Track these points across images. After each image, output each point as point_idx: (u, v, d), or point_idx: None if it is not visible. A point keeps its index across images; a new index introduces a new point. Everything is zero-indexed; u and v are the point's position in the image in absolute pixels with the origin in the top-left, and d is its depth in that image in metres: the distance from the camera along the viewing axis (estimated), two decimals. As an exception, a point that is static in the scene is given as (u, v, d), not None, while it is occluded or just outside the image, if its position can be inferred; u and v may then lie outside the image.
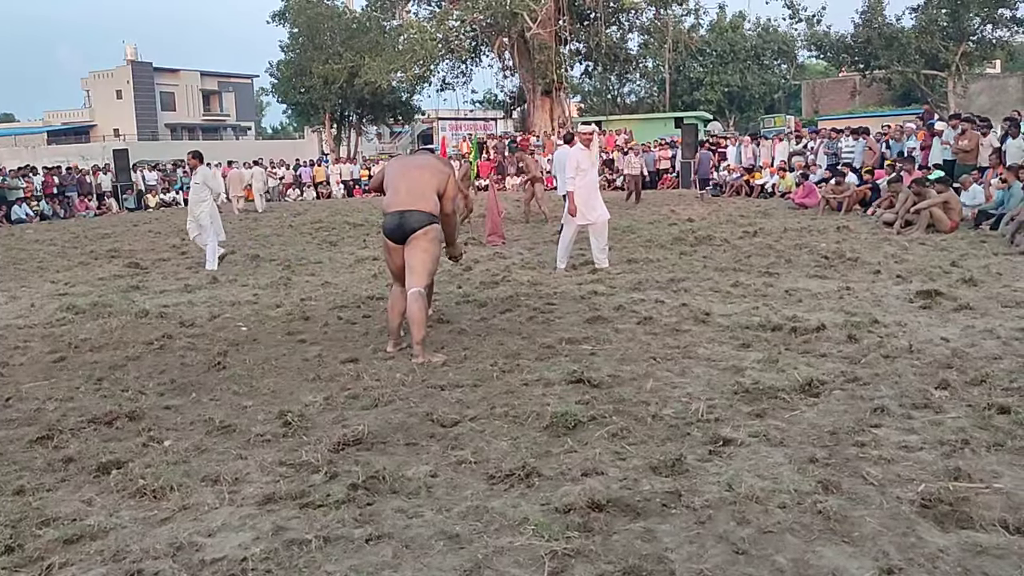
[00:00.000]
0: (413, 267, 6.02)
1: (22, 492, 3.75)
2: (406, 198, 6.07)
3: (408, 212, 6.02)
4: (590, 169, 9.86)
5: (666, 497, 3.45)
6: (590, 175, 9.87)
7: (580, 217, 9.75)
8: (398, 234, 6.06)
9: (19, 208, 24.14)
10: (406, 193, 6.10)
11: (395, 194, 6.13)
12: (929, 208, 12.10)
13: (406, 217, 6.02)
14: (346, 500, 3.52)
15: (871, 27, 36.13)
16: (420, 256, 6.03)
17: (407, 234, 6.02)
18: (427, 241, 6.04)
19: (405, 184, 6.17)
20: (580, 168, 9.68)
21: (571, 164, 9.72)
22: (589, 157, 9.90)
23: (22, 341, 7.17)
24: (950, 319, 6.57)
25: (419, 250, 6.03)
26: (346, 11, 44.64)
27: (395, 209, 6.07)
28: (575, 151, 9.90)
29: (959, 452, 3.80)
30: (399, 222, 6.04)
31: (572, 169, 9.69)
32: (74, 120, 65.21)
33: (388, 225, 6.12)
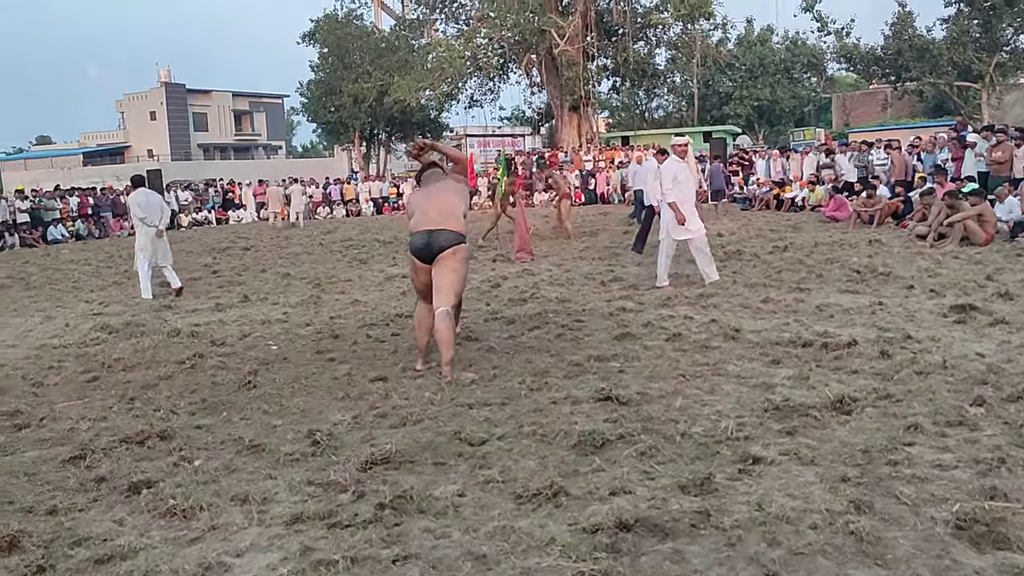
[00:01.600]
0: (441, 287, 6.03)
1: (55, 512, 3.79)
2: (435, 217, 6.12)
3: (436, 231, 6.06)
4: (686, 182, 9.58)
5: (695, 517, 3.42)
6: (687, 188, 9.58)
7: (677, 231, 9.53)
8: (425, 253, 6.08)
9: (55, 228, 24.57)
10: (435, 213, 6.15)
11: (423, 215, 6.18)
12: (963, 221, 11.94)
13: (435, 236, 6.06)
14: (373, 520, 3.52)
15: (901, 39, 35.80)
16: (448, 276, 6.05)
17: (435, 253, 6.04)
18: (455, 261, 6.07)
19: (433, 205, 6.23)
20: (676, 180, 9.46)
21: (667, 176, 9.52)
22: (685, 169, 9.65)
23: (56, 361, 7.28)
24: (985, 334, 6.47)
25: (447, 270, 6.04)
26: (375, 31, 45.04)
27: (423, 228, 6.11)
28: (670, 163, 9.69)
29: (995, 471, 3.73)
30: (427, 241, 6.07)
31: (669, 181, 9.48)
32: (109, 142, 66.37)
33: (416, 244, 6.15)
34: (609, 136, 42.48)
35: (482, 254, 14.23)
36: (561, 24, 33.29)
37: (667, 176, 9.54)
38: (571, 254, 13.62)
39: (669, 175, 9.51)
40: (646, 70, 38.26)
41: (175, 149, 62.04)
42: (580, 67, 34.06)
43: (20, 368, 7.07)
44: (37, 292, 12.64)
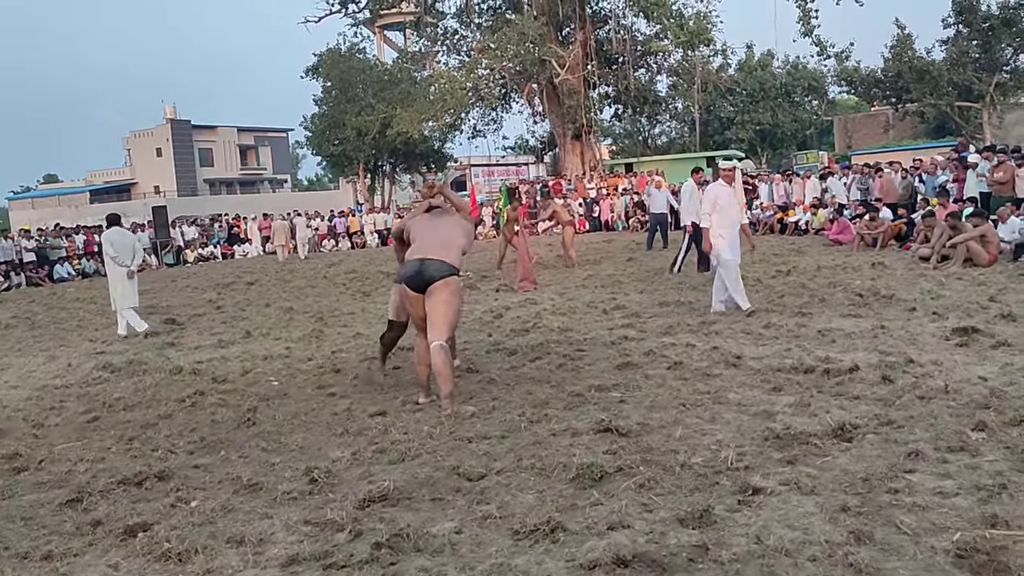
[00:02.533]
0: (435, 321, 5.96)
1: (50, 557, 3.78)
2: (430, 246, 6.09)
3: (429, 260, 6.01)
4: (728, 208, 9.43)
5: (693, 551, 3.38)
6: (729, 214, 9.42)
7: (732, 253, 9.37)
8: (415, 281, 6.00)
9: (61, 267, 24.69)
10: (432, 242, 6.12)
11: (420, 242, 6.16)
12: (966, 242, 11.91)
13: (426, 265, 6.00)
14: (369, 560, 3.49)
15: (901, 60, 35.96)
16: (442, 308, 5.97)
17: (426, 283, 5.97)
18: (448, 293, 5.99)
19: (431, 234, 6.21)
20: (718, 205, 9.35)
21: (708, 200, 9.46)
22: (731, 194, 9.55)
23: (58, 401, 7.28)
24: (988, 356, 6.43)
25: (440, 302, 5.97)
26: (377, 63, 45.46)
27: (416, 256, 6.07)
28: (715, 188, 9.61)
29: (996, 497, 3.69)
30: (419, 268, 6.00)
31: (709, 205, 9.41)
32: (116, 179, 66.85)
33: (407, 272, 6.07)
34: (612, 163, 42.59)
35: (485, 284, 14.25)
36: (561, 54, 33.50)
37: (707, 201, 9.47)
38: (574, 282, 13.62)
39: (710, 200, 9.44)
40: (647, 97, 38.41)
41: (181, 185, 62.47)
42: (581, 95, 34.21)
43: (21, 409, 7.07)
44: (42, 331, 12.67)
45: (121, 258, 11.24)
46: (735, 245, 9.44)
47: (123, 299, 11.25)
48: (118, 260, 11.25)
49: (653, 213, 19.83)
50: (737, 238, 9.51)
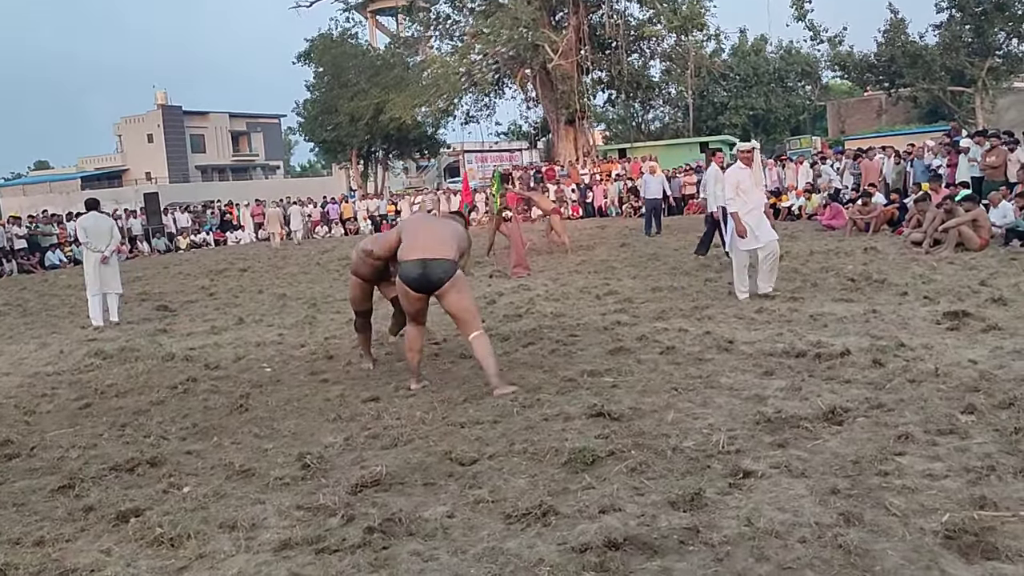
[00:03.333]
0: (464, 319, 5.91)
1: (42, 543, 3.78)
2: (428, 244, 5.88)
3: (431, 261, 5.81)
4: (752, 189, 9.24)
5: (684, 534, 3.40)
6: (752, 197, 9.22)
7: (749, 241, 9.17)
8: (419, 283, 5.84)
9: (53, 254, 24.60)
10: (428, 240, 5.91)
11: (414, 240, 5.96)
12: (958, 226, 11.94)
13: (430, 266, 5.80)
14: (362, 544, 3.50)
15: (894, 45, 35.88)
16: (461, 303, 5.88)
17: (432, 285, 5.82)
18: (457, 290, 5.86)
19: (425, 232, 6.03)
20: (740, 188, 9.15)
21: (730, 184, 9.25)
22: (750, 176, 9.29)
23: (50, 388, 7.27)
24: (978, 340, 6.45)
25: (455, 300, 5.86)
26: (370, 49, 45.25)
27: (415, 257, 5.85)
28: (733, 171, 9.41)
29: (985, 479, 3.71)
30: (422, 271, 5.81)
31: (731, 190, 9.20)
32: (107, 165, 66.51)
33: (409, 273, 5.87)
34: (606, 149, 42.53)
35: (479, 270, 14.23)
36: (554, 39, 33.38)
37: (729, 185, 9.29)
38: (567, 268, 13.62)
39: (732, 184, 9.24)
40: (641, 82, 38.34)
41: (173, 171, 62.21)
42: (575, 81, 34.14)
43: (13, 396, 7.06)
44: (33, 318, 12.64)
45: (94, 244, 11.14)
46: (760, 226, 9.21)
47: (92, 285, 11.15)
48: (90, 246, 11.17)
49: (647, 199, 19.90)
50: (763, 219, 9.30)
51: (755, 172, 9.40)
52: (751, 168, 9.33)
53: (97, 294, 11.14)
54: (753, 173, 9.33)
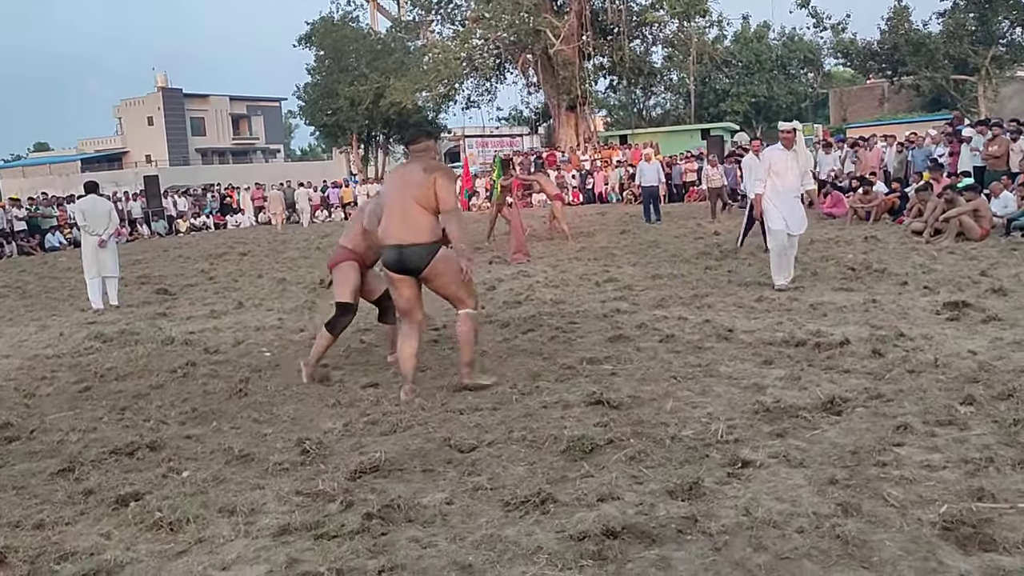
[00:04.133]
0: (450, 299, 5.69)
1: (42, 526, 3.78)
2: (400, 229, 5.46)
3: (407, 248, 5.44)
4: (787, 172, 8.78)
5: (682, 523, 3.41)
6: (785, 179, 8.78)
7: (781, 223, 8.81)
8: (398, 268, 5.54)
9: (52, 236, 24.57)
10: (397, 224, 5.48)
11: (387, 224, 5.54)
12: (959, 216, 11.93)
13: (405, 253, 5.45)
14: (360, 530, 3.51)
15: (897, 33, 35.81)
16: (446, 286, 5.60)
17: (411, 272, 5.53)
18: (441, 271, 5.53)
19: (394, 213, 5.52)
20: (774, 171, 8.79)
21: (763, 165, 8.95)
22: (787, 159, 8.81)
23: (50, 371, 7.27)
24: (978, 331, 6.45)
25: (440, 282, 5.58)
26: (371, 33, 45.05)
27: (392, 242, 5.48)
28: (770, 152, 9.04)
29: (983, 471, 3.72)
30: (398, 258, 5.48)
31: (763, 171, 8.91)
32: (107, 147, 66.37)
33: (388, 259, 5.55)
34: (607, 135, 42.44)
35: (479, 256, 14.21)
36: (556, 24, 33.27)
37: (763, 166, 8.98)
38: (567, 255, 13.62)
39: (765, 164, 8.94)
40: (642, 68, 38.23)
41: (173, 154, 62.08)
42: (576, 66, 34.05)
43: (13, 379, 7.06)
44: (33, 301, 12.64)
45: (92, 227, 11.12)
46: (792, 214, 8.84)
47: (90, 268, 11.14)
48: (88, 229, 11.15)
49: (644, 187, 19.88)
50: (796, 206, 8.89)
51: (797, 154, 8.88)
52: (791, 150, 8.85)
53: (95, 277, 11.13)
54: (795, 155, 8.84)
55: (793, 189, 8.83)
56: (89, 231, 11.13)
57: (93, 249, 11.09)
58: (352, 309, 6.39)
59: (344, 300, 6.32)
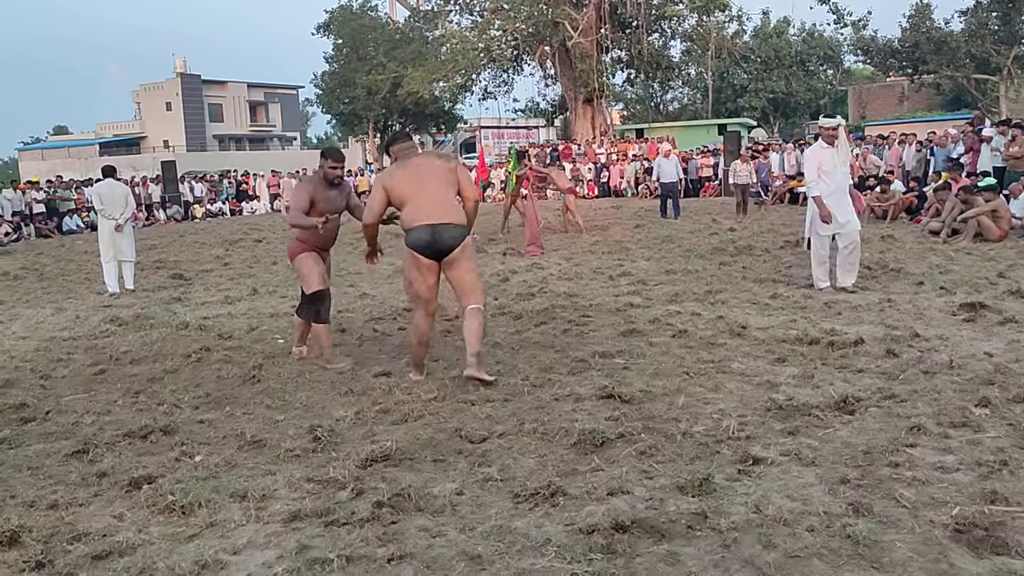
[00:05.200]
0: (467, 290, 5.65)
1: (56, 506, 3.82)
2: (433, 210, 5.53)
3: (441, 226, 5.47)
4: (835, 170, 8.56)
5: (692, 518, 3.40)
6: (834, 178, 8.55)
7: (822, 226, 8.60)
8: (431, 250, 5.54)
9: (70, 219, 24.72)
10: (430, 205, 5.54)
11: (418, 208, 5.55)
12: (977, 216, 11.84)
13: (439, 232, 5.51)
14: (371, 518, 3.52)
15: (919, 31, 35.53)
16: (469, 277, 5.65)
17: (443, 252, 5.54)
18: (467, 259, 5.62)
19: (427, 195, 5.58)
20: (822, 169, 8.53)
21: (811, 166, 8.68)
22: (834, 156, 8.60)
23: (65, 353, 7.32)
24: (995, 333, 6.41)
25: (464, 270, 5.62)
26: (389, 22, 45.09)
27: (424, 223, 5.48)
28: (815, 150, 8.80)
29: (997, 473, 3.70)
30: (432, 237, 5.48)
31: (812, 171, 8.62)
32: (125, 132, 66.70)
33: (419, 240, 5.50)
34: (623, 128, 42.35)
35: (492, 247, 14.23)
36: (574, 16, 33.16)
37: (810, 166, 8.69)
38: (581, 248, 13.60)
39: (812, 165, 8.65)
40: (660, 62, 38.06)
41: (190, 140, 62.36)
42: (594, 59, 33.91)
43: (29, 360, 7.11)
44: (50, 283, 12.72)
45: (108, 211, 11.17)
46: (840, 210, 8.57)
47: (106, 252, 11.21)
48: (105, 213, 11.21)
49: (663, 183, 19.45)
50: (847, 203, 8.66)
51: (840, 150, 8.67)
52: (835, 147, 8.63)
53: (111, 261, 11.20)
54: (838, 152, 8.64)
55: (843, 186, 8.68)
56: (106, 215, 11.19)
57: (110, 233, 11.15)
58: (326, 293, 6.52)
59: (316, 288, 6.44)
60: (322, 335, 6.46)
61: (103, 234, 11.28)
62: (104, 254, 11.25)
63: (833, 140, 8.60)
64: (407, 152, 5.87)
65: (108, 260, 11.20)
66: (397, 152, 5.89)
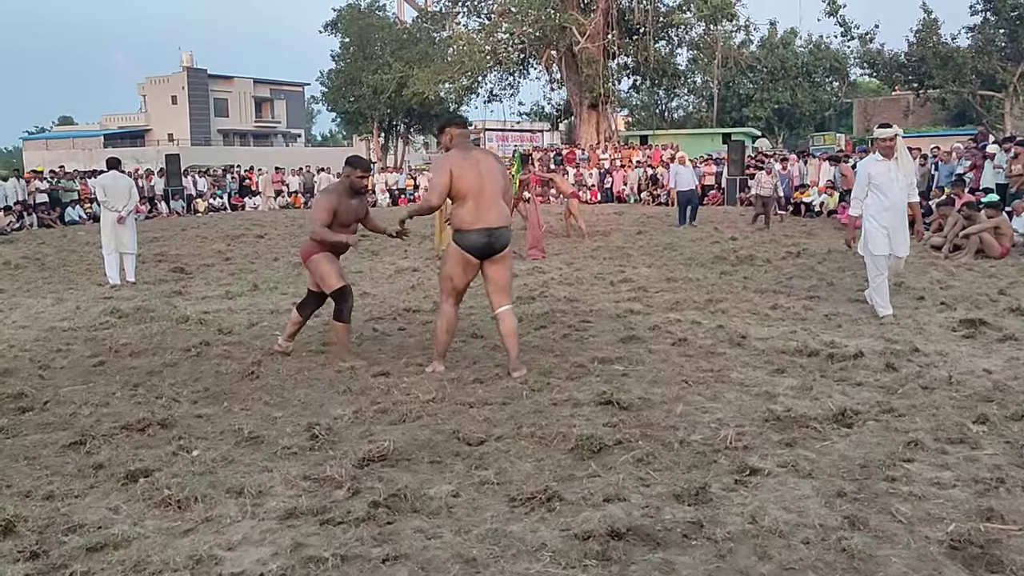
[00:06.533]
0: (503, 287, 5.87)
1: (51, 497, 3.82)
2: (494, 215, 5.67)
3: (497, 230, 5.68)
4: (890, 185, 7.61)
5: (688, 527, 3.40)
6: (888, 195, 7.61)
7: (885, 247, 7.70)
8: (485, 252, 5.71)
9: (73, 210, 24.70)
10: (489, 208, 5.66)
11: (479, 211, 5.63)
12: (979, 233, 11.84)
13: (495, 236, 5.68)
14: (366, 518, 3.52)
15: (926, 46, 35.50)
16: (507, 275, 5.92)
17: (493, 253, 5.74)
18: (508, 258, 5.90)
19: (485, 199, 5.66)
20: (874, 184, 7.66)
21: (860, 179, 7.82)
22: (889, 171, 7.65)
23: (65, 344, 7.32)
24: (994, 350, 6.41)
25: (506, 269, 5.88)
26: (397, 22, 45.12)
27: (483, 226, 5.63)
28: (868, 163, 7.92)
29: (993, 491, 3.70)
30: (488, 241, 5.67)
31: (861, 186, 7.79)
32: (130, 124, 66.75)
33: (476, 243, 5.66)
34: (628, 135, 42.37)
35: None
36: (582, 21, 33.20)
37: (860, 181, 7.84)
38: (582, 253, 13.61)
39: (863, 180, 7.78)
40: (667, 70, 38.10)
41: (195, 134, 62.38)
42: (600, 65, 33.95)
43: (28, 350, 7.11)
44: (51, 273, 12.72)
45: (112, 202, 11.19)
46: (897, 233, 7.72)
47: (108, 244, 11.22)
48: (108, 205, 11.22)
49: (680, 191, 19.00)
50: (900, 224, 7.74)
51: (900, 164, 7.70)
52: (891, 160, 7.69)
53: (113, 253, 11.21)
54: (897, 166, 7.68)
55: (900, 204, 7.71)
56: (109, 207, 11.19)
57: (112, 225, 11.16)
58: (348, 291, 6.53)
59: (338, 286, 6.45)
60: (340, 333, 6.53)
61: (105, 225, 11.29)
62: (106, 246, 11.25)
63: (890, 152, 7.67)
64: (463, 140, 5.91)
65: (110, 252, 11.22)
66: (455, 136, 5.88)
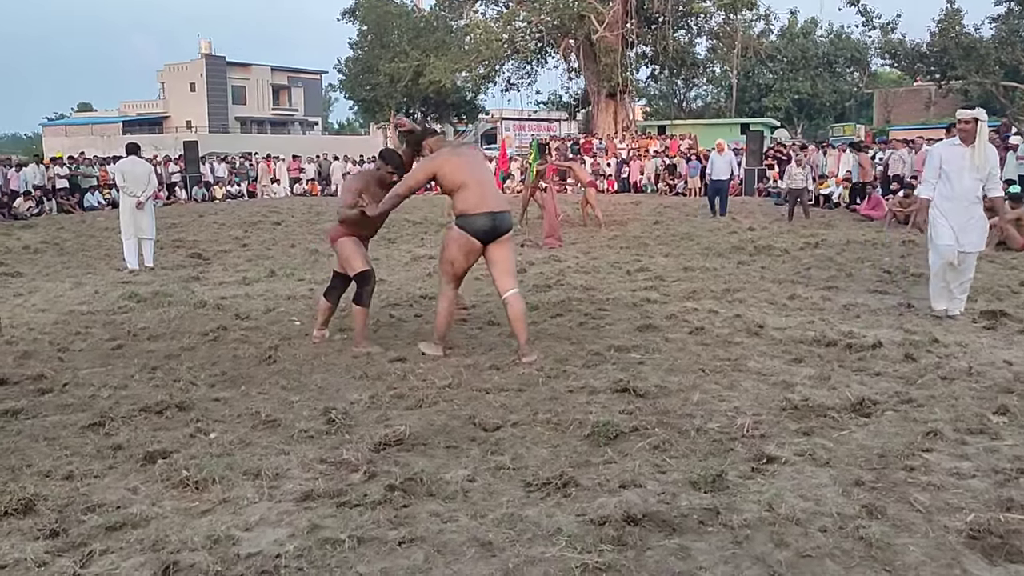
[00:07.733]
0: (508, 270, 5.96)
1: (71, 477, 3.85)
2: (491, 199, 5.91)
3: (500, 214, 5.87)
4: (962, 173, 7.12)
5: (704, 514, 3.39)
6: (959, 183, 7.13)
7: (949, 237, 7.19)
8: (489, 236, 5.85)
9: (92, 196, 24.86)
10: (490, 194, 5.94)
11: (481, 196, 5.83)
12: (1000, 224, 11.72)
13: (499, 219, 5.86)
14: (382, 501, 3.53)
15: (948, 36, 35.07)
16: (511, 256, 6.04)
17: (496, 237, 5.89)
18: (509, 241, 6.03)
19: (485, 186, 5.96)
20: (945, 171, 7.22)
21: (931, 163, 7.38)
22: (964, 157, 7.14)
23: (84, 327, 7.37)
24: (1015, 341, 6.36)
25: (509, 250, 6.00)
26: (414, 10, 45.09)
27: (486, 210, 5.81)
28: (941, 147, 7.51)
29: (1013, 481, 3.67)
30: (493, 224, 5.84)
31: (932, 169, 7.34)
32: (149, 111, 67.03)
33: (482, 226, 5.81)
34: (645, 124, 42.22)
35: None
36: (600, 10, 33.08)
37: (931, 163, 7.40)
38: (599, 242, 13.58)
39: (934, 162, 7.33)
40: (685, 59, 37.94)
41: (213, 121, 62.59)
42: (618, 54, 33.82)
43: (48, 333, 7.17)
44: (70, 258, 12.81)
45: (130, 188, 11.26)
46: (967, 226, 7.20)
47: (127, 229, 11.29)
48: (127, 190, 11.29)
49: (713, 179, 18.86)
50: (973, 217, 7.24)
51: (977, 153, 7.11)
52: (969, 146, 7.14)
53: (131, 238, 11.29)
54: (973, 154, 7.11)
55: (969, 195, 7.18)
56: (128, 192, 11.26)
57: (131, 210, 11.23)
58: (371, 275, 6.52)
59: (361, 269, 6.43)
60: (358, 318, 6.50)
61: (124, 211, 11.36)
62: (124, 231, 11.33)
63: (969, 138, 7.13)
64: (443, 143, 6.35)
65: (128, 237, 11.29)
66: (431, 144, 6.33)
